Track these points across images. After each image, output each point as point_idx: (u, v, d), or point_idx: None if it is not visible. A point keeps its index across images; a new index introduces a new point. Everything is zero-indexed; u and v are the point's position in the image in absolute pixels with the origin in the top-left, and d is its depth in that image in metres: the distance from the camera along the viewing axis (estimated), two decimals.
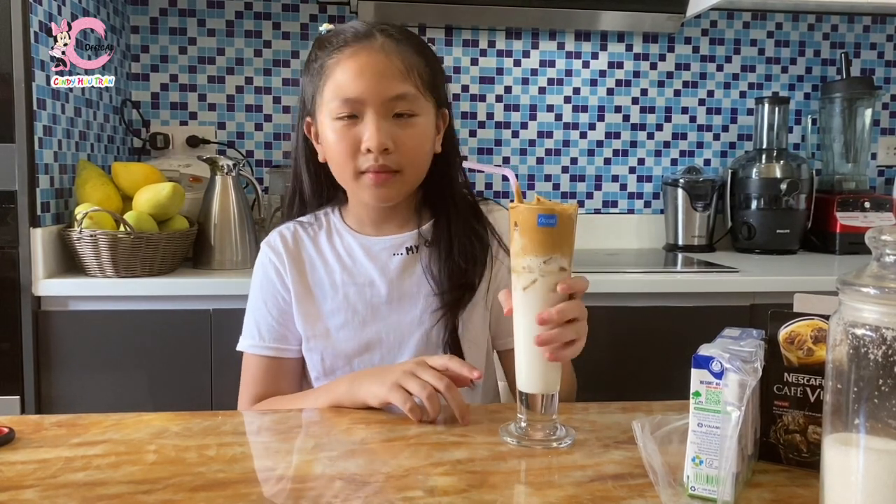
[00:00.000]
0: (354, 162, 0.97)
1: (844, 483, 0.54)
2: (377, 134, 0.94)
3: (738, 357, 0.61)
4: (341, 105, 0.96)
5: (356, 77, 0.95)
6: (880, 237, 0.53)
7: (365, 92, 0.95)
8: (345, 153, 0.97)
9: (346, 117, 0.96)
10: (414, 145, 0.98)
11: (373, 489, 0.64)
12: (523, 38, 2.21)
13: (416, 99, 0.98)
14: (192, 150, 2.05)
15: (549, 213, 0.74)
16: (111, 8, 1.94)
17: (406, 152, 0.97)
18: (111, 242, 1.51)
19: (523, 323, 0.77)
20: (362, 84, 0.95)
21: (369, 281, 1.04)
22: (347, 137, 0.96)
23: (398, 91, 0.96)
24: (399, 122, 0.97)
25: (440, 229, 1.05)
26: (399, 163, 0.97)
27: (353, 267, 1.05)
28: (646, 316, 1.63)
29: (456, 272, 1.02)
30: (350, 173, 0.98)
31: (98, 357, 1.53)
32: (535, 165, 2.24)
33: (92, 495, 0.63)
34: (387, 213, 1.05)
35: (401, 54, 0.97)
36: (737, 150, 2.31)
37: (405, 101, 0.97)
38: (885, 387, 0.50)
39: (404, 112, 0.97)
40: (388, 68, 0.96)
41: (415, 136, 0.98)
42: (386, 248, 1.05)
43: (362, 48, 0.97)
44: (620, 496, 0.63)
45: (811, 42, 2.31)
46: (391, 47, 0.97)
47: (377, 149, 0.95)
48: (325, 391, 0.94)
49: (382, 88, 0.95)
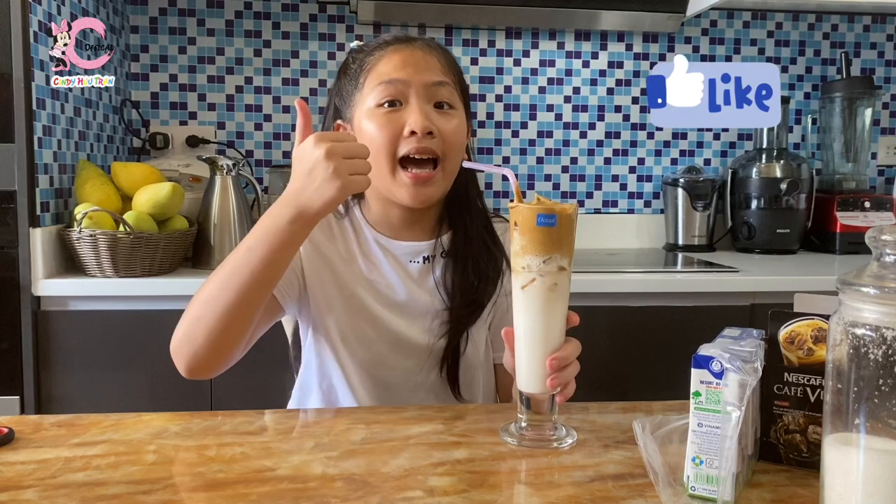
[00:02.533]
0: (394, 148, 0.97)
1: (844, 483, 0.54)
2: (421, 115, 0.96)
3: (738, 357, 0.61)
4: (385, 89, 0.97)
5: (401, 65, 0.99)
6: (880, 237, 0.53)
7: (409, 75, 0.98)
8: (385, 139, 0.97)
9: (389, 103, 0.98)
10: (453, 134, 0.99)
11: (373, 489, 0.64)
12: (523, 38, 2.21)
13: (453, 92, 1.01)
14: (192, 149, 2.05)
15: (549, 213, 0.74)
16: (111, 8, 1.94)
17: (446, 140, 0.98)
18: (111, 242, 1.51)
19: (522, 322, 0.77)
20: (407, 69, 0.98)
21: (387, 283, 1.04)
22: (390, 123, 0.97)
23: (439, 78, 0.99)
24: (440, 111, 0.99)
25: (457, 242, 1.05)
26: (441, 149, 0.97)
27: (373, 262, 1.05)
28: (646, 316, 1.63)
29: (468, 289, 1.02)
30: (387, 164, 0.97)
31: (98, 357, 1.53)
32: (535, 165, 2.24)
33: (92, 495, 0.63)
34: (412, 218, 1.05)
35: (439, 55, 1.02)
36: (737, 150, 2.31)
37: (445, 90, 1.00)
38: (886, 387, 0.50)
39: (444, 102, 1.00)
40: (429, 60, 1.00)
41: (455, 126, 0.99)
42: (405, 253, 1.05)
43: (404, 46, 1.01)
44: (620, 496, 0.63)
45: (811, 42, 2.31)
46: (432, 46, 1.02)
47: (422, 130, 0.95)
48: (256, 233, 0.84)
49: (426, 75, 0.99)
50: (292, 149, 1.10)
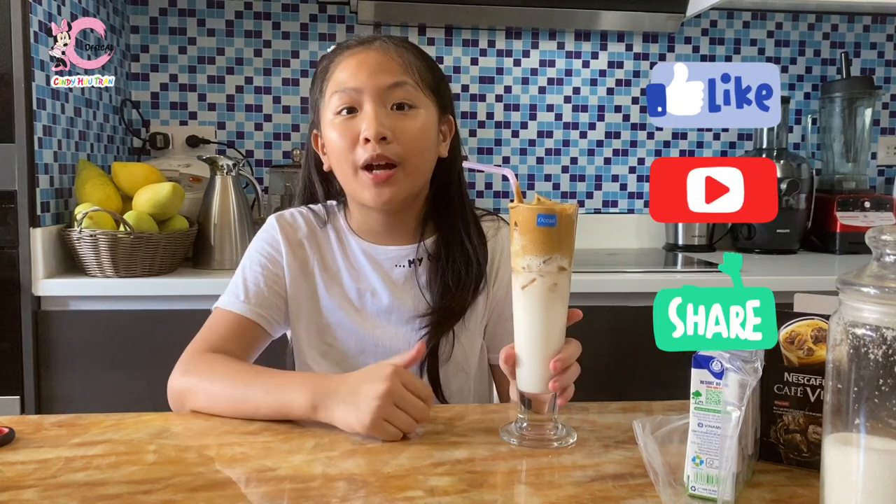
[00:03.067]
0: (353, 155, 0.96)
1: (845, 483, 0.54)
2: (374, 122, 0.94)
3: (738, 357, 0.61)
4: (340, 98, 0.97)
5: (355, 71, 0.97)
6: (880, 237, 0.53)
7: (362, 82, 0.96)
8: (344, 147, 0.96)
9: (346, 110, 0.97)
10: (413, 136, 0.97)
11: (373, 489, 0.64)
12: (523, 38, 2.21)
13: (414, 91, 0.98)
14: (192, 149, 2.05)
15: (549, 213, 0.74)
16: (111, 8, 1.94)
17: (405, 142, 0.96)
18: (111, 242, 1.51)
19: (522, 322, 0.77)
20: (360, 76, 0.96)
21: (371, 288, 1.03)
22: (347, 130, 0.96)
23: (395, 80, 0.97)
24: (398, 113, 0.97)
25: (441, 246, 1.04)
26: (398, 154, 0.95)
27: (358, 271, 1.04)
28: (646, 316, 1.62)
29: (446, 293, 1.01)
30: (350, 170, 0.97)
31: (98, 357, 1.53)
32: (535, 165, 2.24)
33: (92, 495, 0.63)
34: (392, 222, 1.04)
35: (399, 54, 0.99)
36: (737, 150, 2.31)
37: (403, 90, 0.97)
38: (886, 387, 0.50)
39: (404, 102, 0.97)
40: (385, 62, 0.97)
41: (414, 126, 0.97)
42: (389, 258, 1.04)
43: (361, 49, 0.99)
44: (620, 496, 0.63)
45: (811, 42, 2.31)
46: (389, 48, 0.99)
47: (375, 136, 0.94)
48: (281, 388, 0.82)
49: (379, 79, 0.96)
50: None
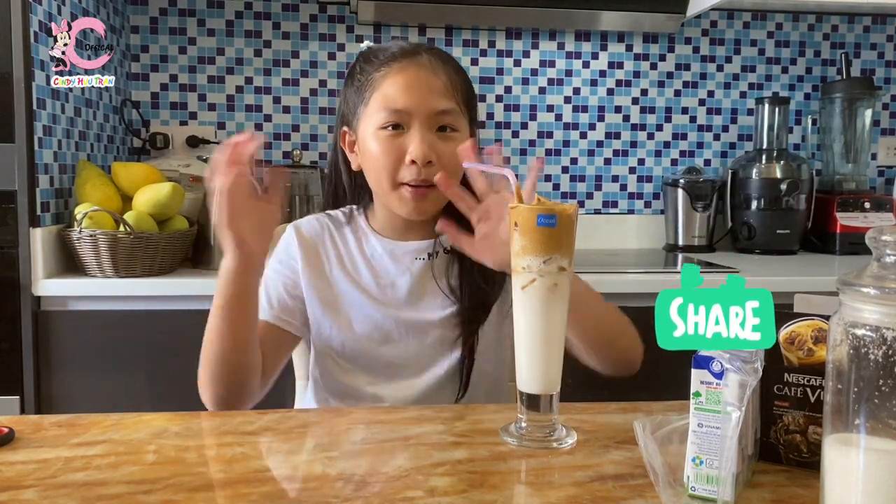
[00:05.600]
0: (395, 173, 0.99)
1: (845, 483, 0.54)
2: (422, 146, 0.97)
3: (738, 357, 0.61)
4: (388, 115, 0.98)
5: (405, 90, 0.98)
6: (880, 237, 0.53)
7: (413, 104, 0.98)
8: (387, 163, 0.99)
9: (391, 127, 0.99)
10: (454, 160, 0.98)
11: (373, 489, 0.64)
12: (523, 38, 2.21)
13: (457, 115, 1.01)
14: (192, 150, 2.05)
15: (549, 213, 0.74)
16: (111, 8, 1.94)
17: (446, 166, 0.98)
18: (111, 242, 1.51)
19: (522, 322, 0.77)
20: (411, 97, 0.98)
21: (391, 282, 1.05)
22: (392, 148, 0.98)
23: (444, 106, 0.99)
24: (441, 135, 1.00)
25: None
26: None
27: (377, 268, 1.06)
28: (646, 316, 1.62)
29: (476, 291, 1.03)
30: (388, 184, 1.00)
31: (98, 357, 1.53)
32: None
33: (92, 495, 0.63)
34: (415, 222, 1.06)
35: (446, 72, 1.01)
36: (737, 151, 2.31)
37: (449, 116, 1.00)
38: (886, 387, 0.50)
39: (447, 125, 1.00)
40: (434, 84, 0.99)
41: (454, 148, 0.99)
42: (409, 252, 1.06)
43: (410, 63, 1.00)
44: (620, 496, 0.63)
45: (811, 42, 2.31)
46: (437, 64, 1.01)
47: (422, 160, 0.97)
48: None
49: (430, 103, 0.98)
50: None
